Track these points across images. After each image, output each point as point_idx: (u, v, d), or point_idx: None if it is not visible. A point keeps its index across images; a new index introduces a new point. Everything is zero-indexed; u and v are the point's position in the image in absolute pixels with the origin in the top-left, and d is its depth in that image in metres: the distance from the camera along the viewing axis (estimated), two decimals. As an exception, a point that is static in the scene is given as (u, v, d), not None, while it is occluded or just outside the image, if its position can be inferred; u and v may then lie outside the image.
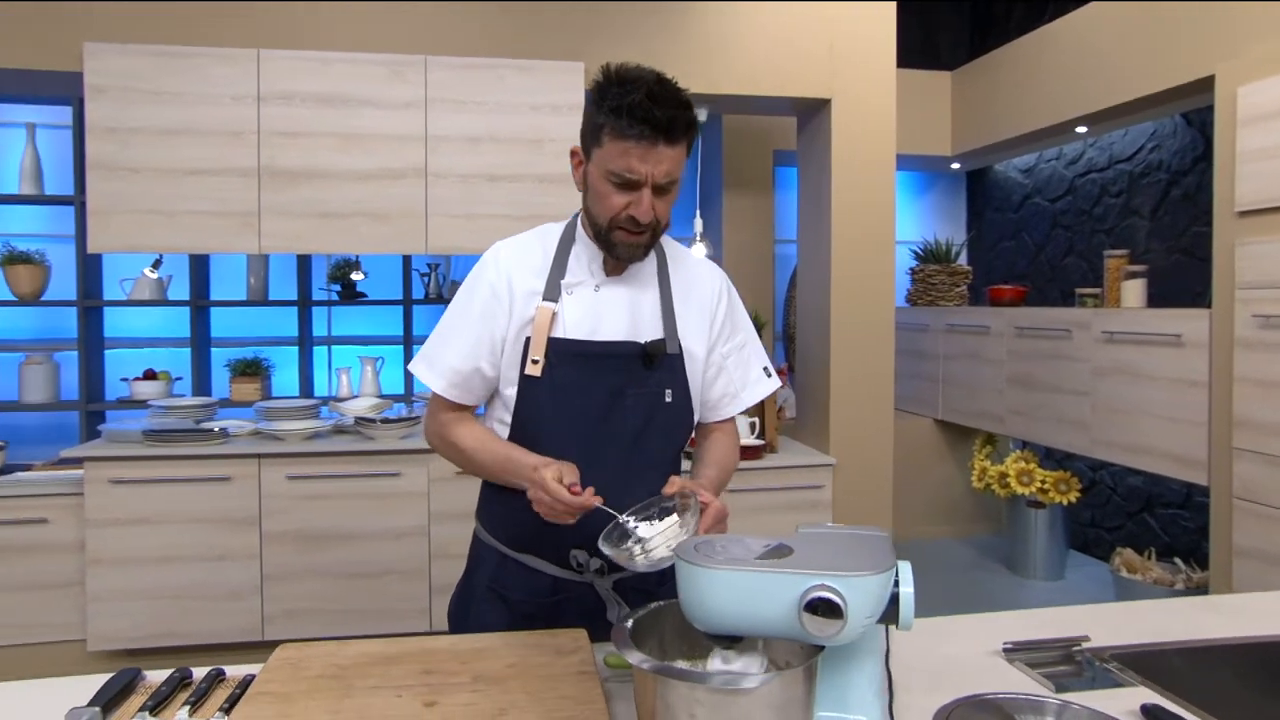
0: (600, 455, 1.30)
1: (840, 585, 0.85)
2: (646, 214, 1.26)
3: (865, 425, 3.55)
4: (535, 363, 1.31)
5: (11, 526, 2.96)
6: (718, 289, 1.45)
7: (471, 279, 1.38)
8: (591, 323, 1.33)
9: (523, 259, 1.36)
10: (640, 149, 1.22)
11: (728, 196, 4.51)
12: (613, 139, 1.23)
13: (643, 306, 1.36)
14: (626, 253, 1.30)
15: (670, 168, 1.25)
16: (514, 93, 3.14)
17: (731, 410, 1.48)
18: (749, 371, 1.48)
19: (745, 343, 1.48)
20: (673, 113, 1.22)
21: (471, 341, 1.34)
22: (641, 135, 1.21)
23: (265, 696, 1.07)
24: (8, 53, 2.95)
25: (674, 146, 1.24)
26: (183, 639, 2.96)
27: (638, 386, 1.34)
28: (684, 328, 1.39)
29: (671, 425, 1.38)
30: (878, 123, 3.44)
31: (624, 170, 1.23)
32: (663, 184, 1.26)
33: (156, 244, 3.02)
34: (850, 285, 3.50)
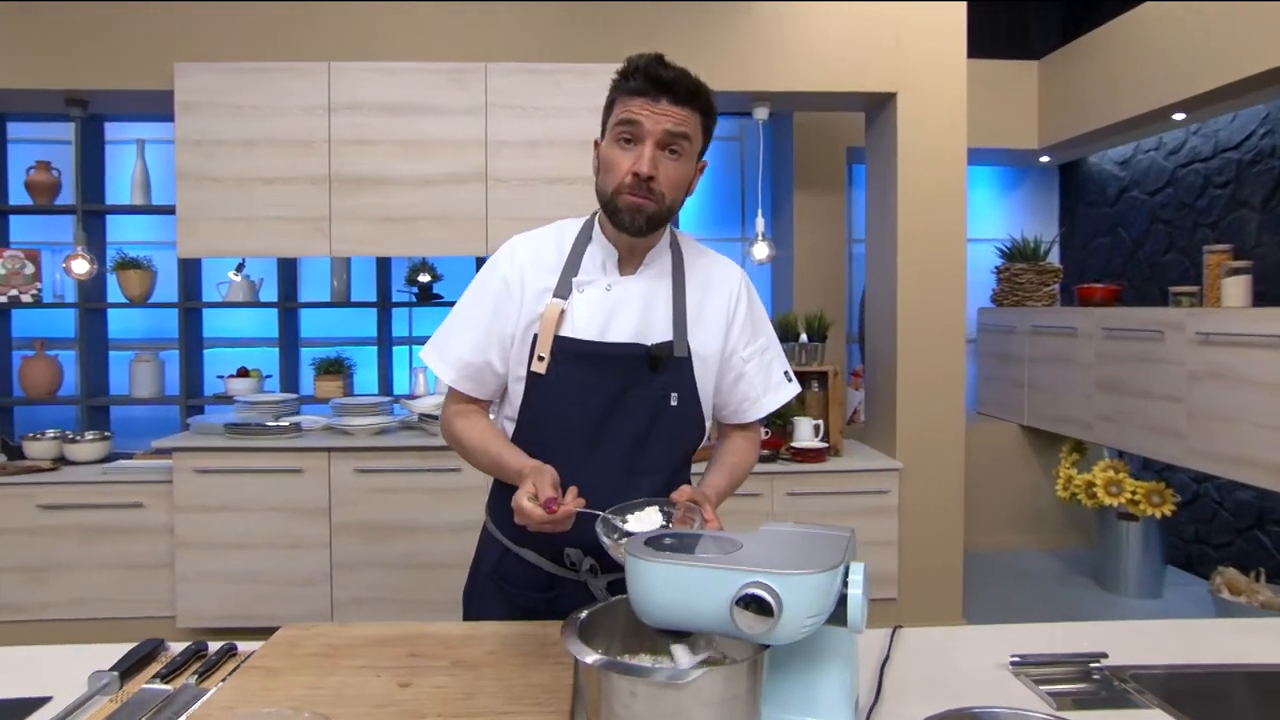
0: (602, 456, 1.30)
1: (775, 583, 0.83)
2: (647, 164, 1.24)
3: (934, 429, 3.43)
4: (541, 359, 1.30)
5: (112, 510, 3.21)
6: (735, 291, 1.41)
7: (486, 271, 1.39)
8: (601, 322, 1.32)
9: (538, 254, 1.36)
10: (646, 100, 1.25)
11: (799, 195, 4.44)
12: (621, 100, 1.28)
13: (654, 308, 1.34)
14: (627, 218, 1.27)
15: (674, 125, 1.24)
16: (572, 96, 3.19)
17: (753, 415, 1.45)
18: (770, 376, 1.44)
19: (767, 347, 1.45)
20: (678, 76, 1.25)
21: (482, 334, 1.35)
22: (645, 89, 1.25)
23: (256, 671, 1.13)
24: (113, 75, 3.21)
25: (679, 107, 1.25)
26: (259, 620, 3.14)
27: (642, 389, 1.32)
28: (697, 330, 1.36)
29: (677, 429, 1.36)
30: (947, 116, 3.32)
31: (629, 117, 1.25)
32: (669, 136, 1.25)
33: (238, 248, 3.22)
34: (919, 285, 3.39)
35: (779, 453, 3.47)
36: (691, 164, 1.31)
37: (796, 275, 4.49)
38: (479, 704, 1.03)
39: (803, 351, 3.65)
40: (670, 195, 1.29)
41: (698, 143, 1.30)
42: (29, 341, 4.14)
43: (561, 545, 1.34)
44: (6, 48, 3.21)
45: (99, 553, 3.22)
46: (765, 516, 3.36)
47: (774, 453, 3.44)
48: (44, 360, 4.03)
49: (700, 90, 1.27)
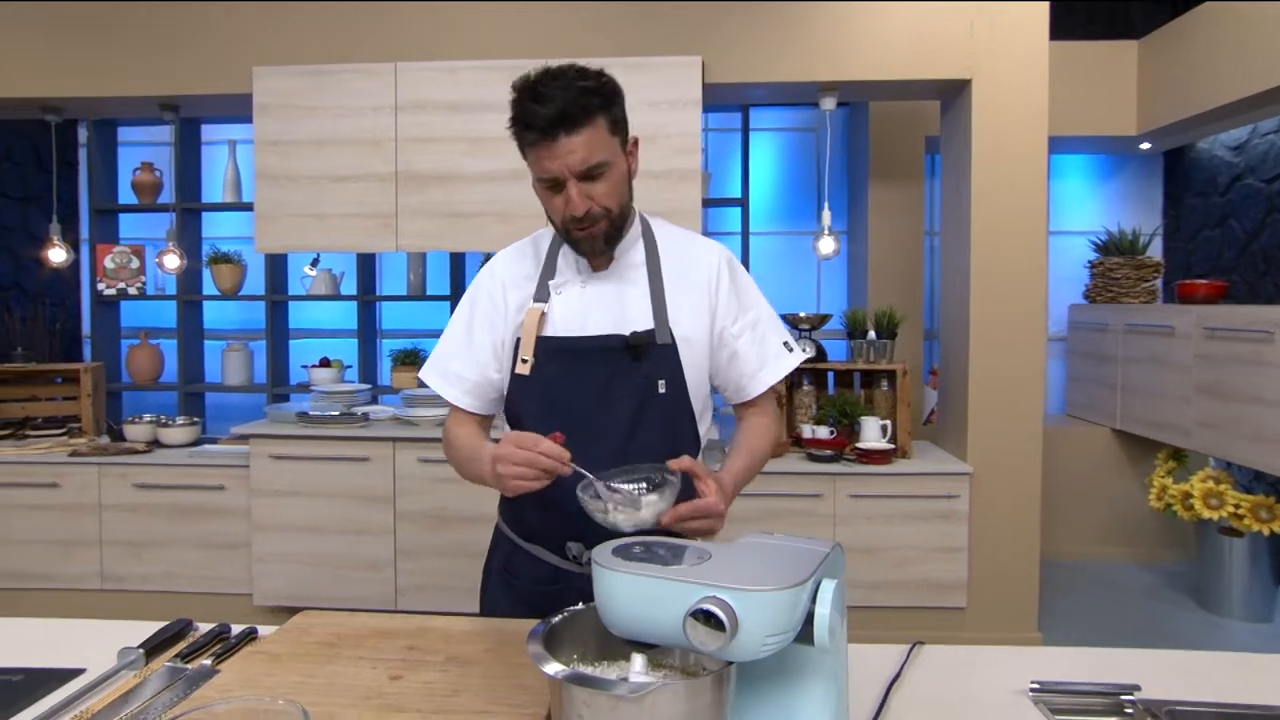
0: (593, 449, 1.30)
1: (731, 599, 0.80)
2: (577, 206, 1.25)
3: (1008, 433, 3.26)
4: (525, 362, 1.34)
5: (197, 491, 3.41)
6: (715, 268, 1.40)
7: (471, 290, 1.44)
8: (579, 319, 1.35)
9: (516, 266, 1.41)
10: (545, 149, 1.23)
11: (874, 187, 4.30)
12: (526, 148, 1.27)
13: (631, 299, 1.36)
14: (589, 246, 1.31)
15: (585, 155, 1.23)
16: (629, 90, 3.09)
17: (755, 389, 1.43)
18: (765, 348, 1.42)
19: (759, 320, 1.43)
20: (560, 105, 1.20)
21: (476, 350, 1.40)
22: (539, 138, 1.22)
23: (261, 655, 1.17)
24: (199, 80, 3.40)
25: (577, 134, 1.21)
26: (328, 601, 3.28)
27: (626, 378, 1.33)
28: (678, 314, 1.36)
29: (667, 416, 1.36)
30: (1026, 103, 3.14)
31: (541, 173, 1.26)
32: (583, 171, 1.24)
33: (311, 244, 3.36)
34: (994, 280, 3.22)
35: (843, 453, 3.38)
36: (620, 165, 1.30)
37: (872, 269, 4.36)
38: (460, 701, 1.04)
39: (870, 349, 3.54)
40: (613, 205, 1.29)
41: (614, 145, 1.28)
42: (135, 331, 4.44)
43: (564, 539, 1.34)
44: (107, 58, 3.44)
45: (187, 531, 3.42)
46: (827, 519, 3.28)
47: (838, 453, 3.35)
48: (147, 349, 4.32)
49: (588, 100, 1.22)
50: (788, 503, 3.28)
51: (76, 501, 3.43)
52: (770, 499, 3.28)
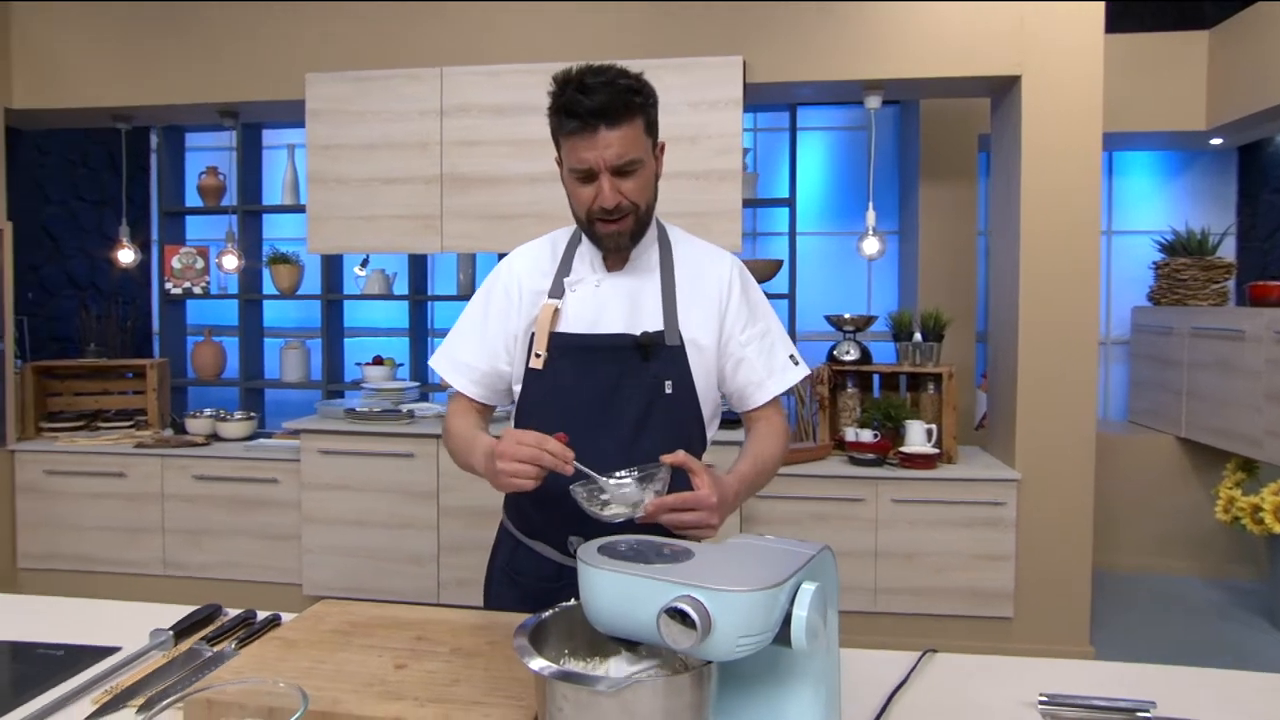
0: (600, 446, 1.32)
1: (705, 598, 0.80)
2: (608, 199, 1.28)
3: (1059, 439, 3.16)
4: (538, 356, 1.37)
5: (252, 483, 3.55)
6: (726, 278, 1.43)
7: (488, 282, 1.48)
8: (591, 317, 1.37)
9: (534, 261, 1.44)
10: (584, 140, 1.26)
11: (924, 186, 4.22)
12: (563, 138, 1.30)
13: (643, 299, 1.38)
14: (611, 241, 1.34)
15: (621, 150, 1.27)
16: (670, 91, 3.16)
17: (760, 398, 1.44)
18: (773, 359, 1.44)
19: (767, 331, 1.45)
20: (604, 98, 1.25)
21: (488, 341, 1.43)
22: (580, 127, 1.26)
23: (276, 641, 1.22)
24: (256, 87, 3.53)
25: (616, 128, 1.26)
26: (374, 593, 3.37)
27: (634, 378, 1.35)
28: (688, 319, 1.38)
29: (674, 417, 1.37)
30: (1079, 99, 3.04)
31: (576, 163, 1.28)
32: (618, 166, 1.28)
33: (360, 245, 3.46)
34: (1044, 282, 3.13)
35: (886, 457, 3.32)
36: (650, 166, 1.34)
37: (922, 270, 4.27)
38: (458, 691, 1.06)
39: (916, 351, 3.47)
40: (641, 202, 1.33)
41: (647, 145, 1.32)
42: (199, 329, 4.63)
43: (566, 534, 1.36)
44: (171, 68, 3.60)
45: (243, 521, 3.56)
46: (868, 523, 3.23)
47: (880, 456, 3.29)
48: (211, 346, 4.49)
49: (630, 98, 1.27)
50: (829, 506, 3.24)
51: (141, 491, 3.60)
52: (811, 502, 3.24)
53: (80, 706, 1.11)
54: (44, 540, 3.69)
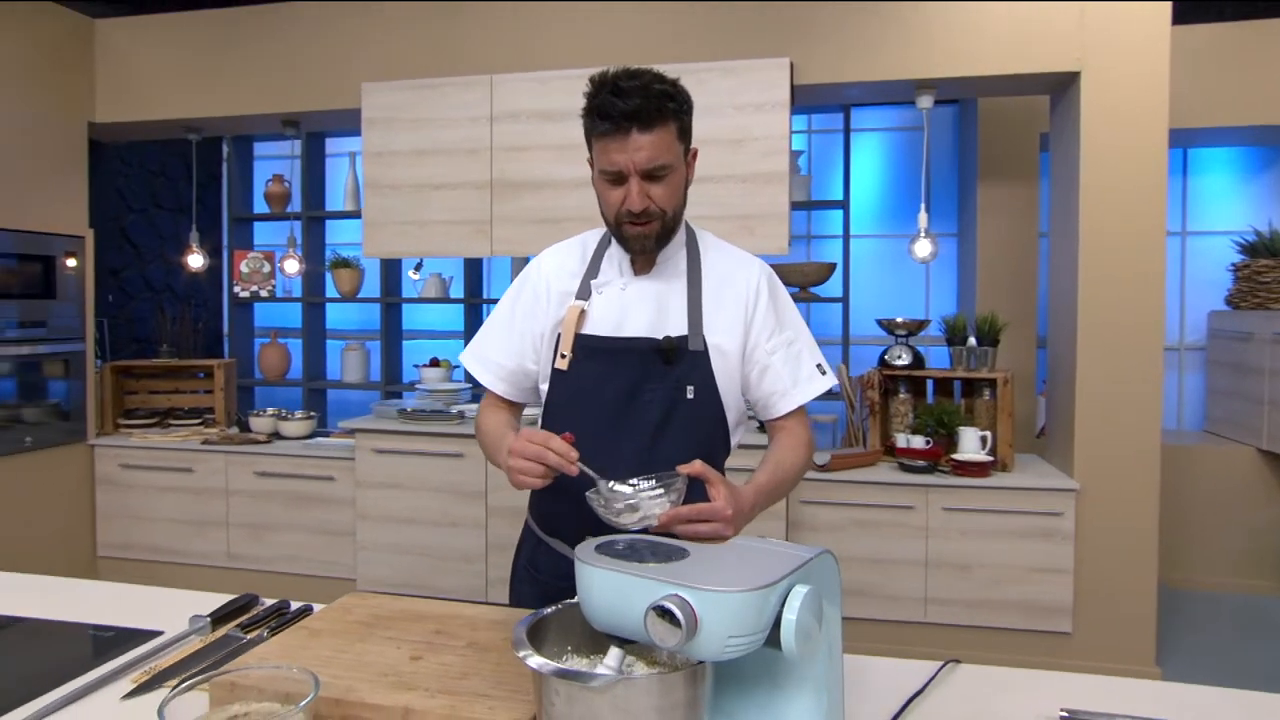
0: (619, 448, 1.33)
1: (692, 597, 0.80)
2: (635, 202, 1.29)
3: (1121, 448, 3.04)
4: (564, 357, 1.38)
5: (309, 481, 3.67)
6: (754, 285, 1.41)
7: (518, 282, 1.50)
8: (616, 319, 1.38)
9: (563, 262, 1.45)
10: (615, 141, 1.27)
11: (983, 187, 4.10)
12: (595, 139, 1.31)
13: (669, 303, 1.38)
14: (638, 244, 1.34)
15: (652, 154, 1.27)
16: (716, 94, 3.18)
17: (784, 407, 1.42)
18: (800, 368, 1.42)
19: (794, 339, 1.43)
20: (638, 101, 1.25)
21: (516, 339, 1.45)
22: (613, 129, 1.27)
23: (303, 630, 1.26)
24: (316, 97, 3.66)
25: (649, 132, 1.26)
26: (424, 590, 3.44)
27: (656, 382, 1.35)
28: (713, 324, 1.38)
29: (694, 422, 1.37)
30: (1143, 95, 2.92)
31: (607, 165, 1.29)
32: (649, 170, 1.28)
33: (412, 249, 3.55)
34: (1104, 285, 3.02)
35: (938, 464, 3.25)
36: (680, 171, 1.34)
37: (980, 273, 4.16)
38: (469, 684, 1.08)
39: (970, 356, 3.38)
40: (670, 208, 1.33)
41: (679, 151, 1.32)
42: (266, 330, 4.82)
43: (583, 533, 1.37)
44: (237, 80, 3.77)
45: (302, 517, 3.68)
46: (918, 531, 3.16)
47: (932, 463, 3.22)
48: (276, 347, 4.67)
49: (664, 103, 1.27)
50: (877, 513, 3.19)
51: (207, 486, 3.76)
52: (858, 509, 3.19)
53: (121, 685, 1.18)
54: (120, 530, 3.89)
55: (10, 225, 3.51)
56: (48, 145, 3.71)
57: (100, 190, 4.26)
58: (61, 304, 3.74)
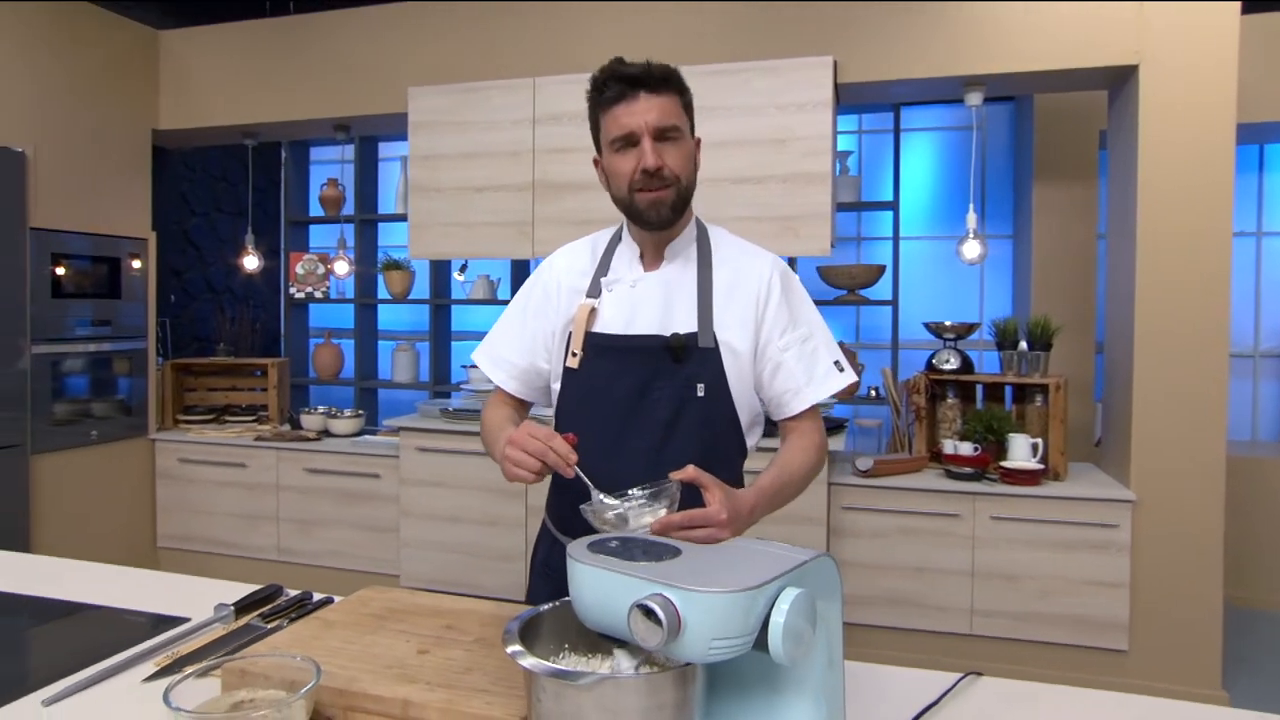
0: (630, 446, 1.32)
1: (676, 597, 0.79)
2: (650, 159, 1.29)
3: (1181, 459, 2.90)
4: (574, 355, 1.38)
5: (355, 478, 3.74)
6: (765, 280, 1.39)
7: (529, 281, 1.51)
8: (625, 317, 1.37)
9: (573, 261, 1.47)
10: (625, 105, 1.30)
11: (1039, 186, 3.98)
12: (604, 111, 1.34)
13: (678, 300, 1.37)
14: (653, 213, 1.33)
15: (661, 113, 1.29)
16: (759, 94, 3.15)
17: (797, 406, 1.39)
18: (815, 366, 1.39)
19: (809, 336, 1.40)
20: (643, 69, 1.30)
21: (527, 338, 1.46)
22: (621, 93, 1.30)
23: (317, 621, 1.28)
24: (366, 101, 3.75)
25: (657, 95, 1.30)
26: (466, 587, 3.48)
27: (666, 379, 1.34)
28: (724, 321, 1.36)
29: (706, 420, 1.35)
30: (1208, 88, 2.78)
31: (617, 130, 1.31)
32: (660, 128, 1.29)
33: (456, 251, 3.60)
34: (1164, 289, 2.88)
35: (985, 471, 3.15)
36: (689, 143, 1.36)
37: (1036, 276, 4.03)
38: (470, 679, 1.08)
39: (1021, 361, 3.27)
40: (683, 175, 1.33)
41: (686, 122, 1.34)
42: (320, 331, 4.94)
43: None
44: (289, 86, 3.88)
45: (348, 513, 3.76)
46: (964, 540, 3.07)
47: (980, 471, 3.12)
48: (330, 347, 4.79)
49: (669, 73, 1.32)
50: (921, 521, 3.11)
51: (259, 481, 3.87)
52: (901, 516, 3.11)
53: (145, 668, 1.21)
54: (178, 523, 4.03)
55: (81, 228, 3.68)
56: (114, 151, 3.87)
57: (164, 194, 4.44)
58: (126, 303, 3.90)
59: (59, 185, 3.59)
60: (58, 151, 3.59)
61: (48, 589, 1.54)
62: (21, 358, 3.44)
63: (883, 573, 3.14)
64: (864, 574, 3.15)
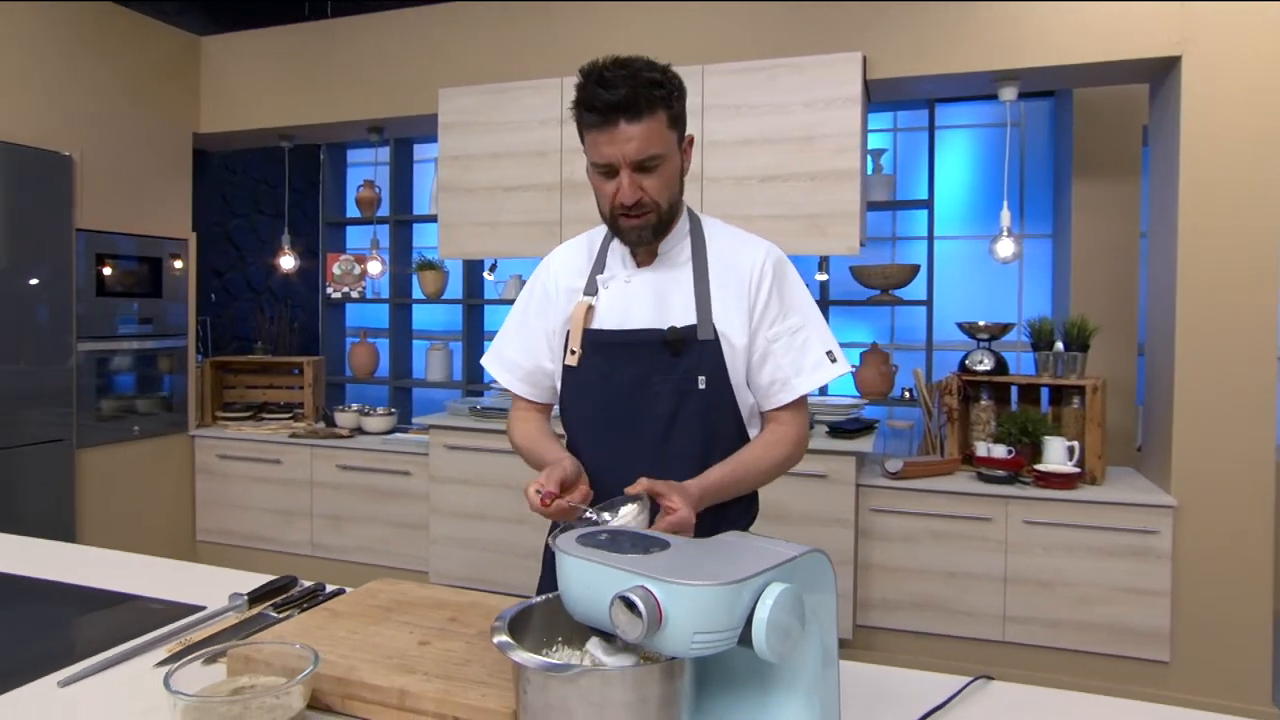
0: (631, 443, 1.31)
1: (658, 589, 0.78)
2: (627, 195, 1.26)
3: (1225, 463, 2.80)
4: (573, 353, 1.38)
5: (387, 475, 3.79)
6: (758, 268, 1.37)
7: (530, 281, 1.51)
8: (621, 313, 1.37)
9: (570, 260, 1.46)
10: (604, 134, 1.25)
11: (1078, 184, 3.87)
12: (586, 132, 1.29)
13: (673, 293, 1.36)
14: (634, 236, 1.32)
15: (641, 145, 1.24)
16: (786, 92, 3.12)
17: (785, 397, 1.37)
18: (804, 356, 1.36)
19: (801, 326, 1.37)
20: (624, 92, 1.22)
21: (530, 339, 1.47)
22: (600, 121, 1.24)
23: (324, 611, 1.29)
24: (399, 103, 3.80)
25: (637, 123, 1.23)
26: (493, 585, 3.50)
27: (665, 373, 1.33)
28: (721, 312, 1.34)
29: (707, 413, 1.34)
30: (1255, 80, 2.68)
31: (597, 158, 1.27)
32: (639, 161, 1.25)
33: (485, 250, 3.63)
34: (1207, 288, 2.79)
35: (1019, 474, 3.07)
36: (674, 161, 1.31)
37: (1075, 275, 3.92)
38: (467, 671, 1.08)
39: (1057, 362, 3.19)
40: (664, 198, 1.30)
41: (671, 140, 1.29)
42: (357, 330, 5.02)
43: None
44: (324, 89, 3.95)
45: (379, 510, 3.81)
46: (996, 544, 3.00)
47: (1012, 474, 3.05)
48: (365, 346, 4.86)
49: (651, 92, 1.23)
50: (952, 524, 3.04)
51: (294, 477, 3.94)
52: (932, 519, 3.06)
53: (158, 653, 1.24)
54: (216, 517, 4.12)
55: (125, 229, 3.79)
56: (157, 155, 3.98)
57: (206, 196, 4.55)
58: (168, 303, 4.01)
59: (104, 188, 3.70)
60: (103, 155, 3.70)
61: (75, 577, 1.59)
62: (70, 355, 3.55)
63: (912, 576, 3.08)
64: (893, 577, 3.10)
